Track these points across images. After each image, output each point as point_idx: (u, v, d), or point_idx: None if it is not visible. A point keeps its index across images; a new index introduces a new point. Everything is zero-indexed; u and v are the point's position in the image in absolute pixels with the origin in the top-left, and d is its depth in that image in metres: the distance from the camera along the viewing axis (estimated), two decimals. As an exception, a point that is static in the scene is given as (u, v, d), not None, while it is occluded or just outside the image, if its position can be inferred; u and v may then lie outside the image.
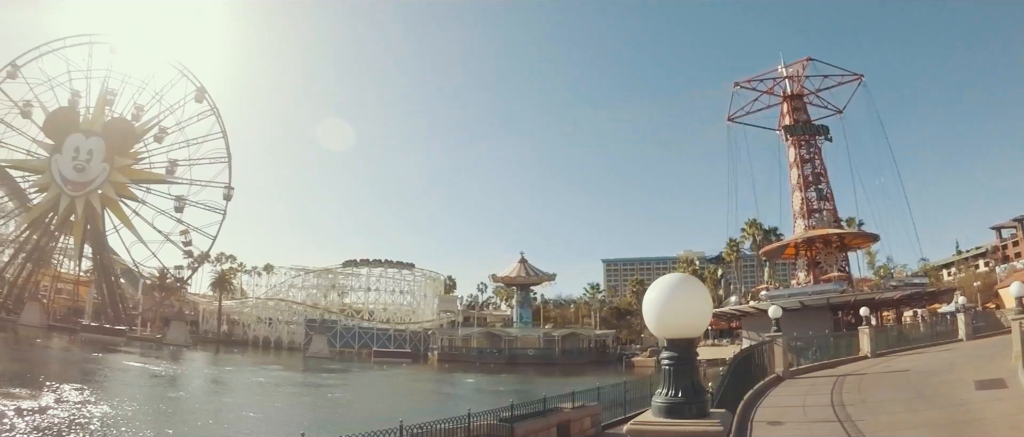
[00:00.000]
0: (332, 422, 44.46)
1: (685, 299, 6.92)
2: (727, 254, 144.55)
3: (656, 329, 7.19)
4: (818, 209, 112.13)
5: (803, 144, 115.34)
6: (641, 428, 6.85)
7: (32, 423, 39.24)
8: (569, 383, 45.17)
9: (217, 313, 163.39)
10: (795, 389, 26.40)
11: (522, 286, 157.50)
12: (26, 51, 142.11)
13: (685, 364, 6.92)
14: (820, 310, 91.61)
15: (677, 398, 6.82)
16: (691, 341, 7.05)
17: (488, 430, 22.02)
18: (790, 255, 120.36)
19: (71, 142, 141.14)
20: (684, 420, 6.70)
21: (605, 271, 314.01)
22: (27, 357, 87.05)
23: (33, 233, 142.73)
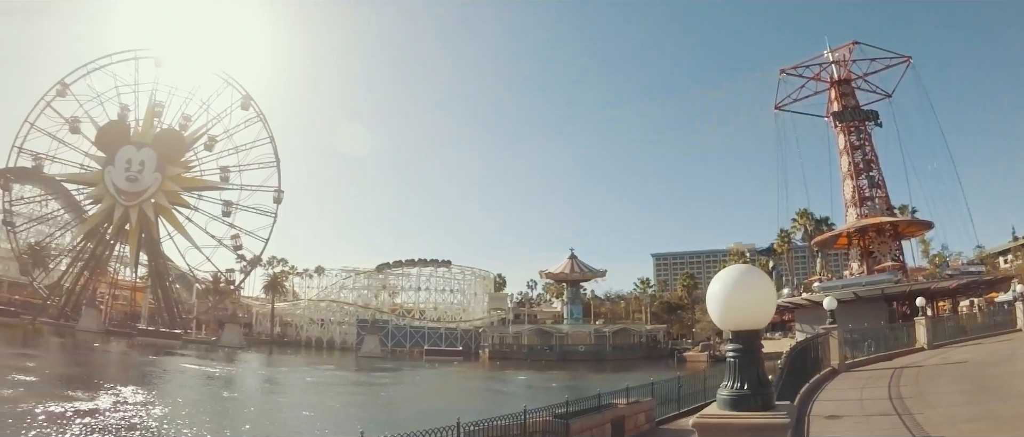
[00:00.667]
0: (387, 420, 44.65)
1: (749, 290, 6.79)
2: (778, 245, 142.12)
3: (720, 321, 7.07)
4: (870, 197, 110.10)
5: (852, 130, 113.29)
6: (707, 421, 6.75)
7: (93, 424, 39.86)
8: (621, 379, 44.92)
9: (270, 315, 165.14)
10: (851, 382, 26.04)
11: (572, 283, 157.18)
12: (74, 69, 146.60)
13: (750, 356, 6.80)
14: (874, 301, 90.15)
15: (743, 390, 6.70)
16: (756, 332, 6.93)
17: (543, 427, 21.95)
18: (842, 245, 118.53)
19: (123, 154, 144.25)
20: (750, 412, 6.59)
21: (655, 265, 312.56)
22: (86, 361, 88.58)
23: (89, 242, 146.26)
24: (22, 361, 79.01)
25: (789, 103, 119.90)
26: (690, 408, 33.13)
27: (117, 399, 51.73)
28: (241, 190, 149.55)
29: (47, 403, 45.03)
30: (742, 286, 6.82)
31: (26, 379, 61.12)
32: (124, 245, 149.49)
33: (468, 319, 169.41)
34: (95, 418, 42.19)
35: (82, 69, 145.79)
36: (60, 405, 45.08)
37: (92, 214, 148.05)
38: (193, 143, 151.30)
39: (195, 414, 49.44)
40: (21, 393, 49.86)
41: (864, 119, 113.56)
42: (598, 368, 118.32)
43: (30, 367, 73.54)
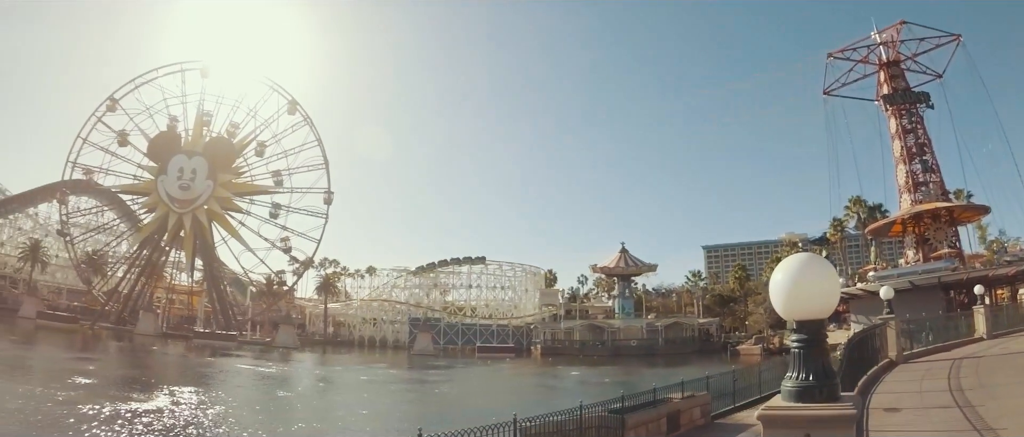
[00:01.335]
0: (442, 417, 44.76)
1: (813, 279, 6.70)
2: (831, 234, 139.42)
3: (784, 311, 6.97)
4: (924, 182, 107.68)
5: (904, 113, 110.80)
6: (772, 413, 6.66)
7: (151, 424, 40.50)
8: (674, 374, 44.67)
9: (323, 315, 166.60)
10: (910, 374, 25.59)
11: (623, 277, 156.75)
12: (123, 84, 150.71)
13: (815, 346, 6.71)
14: (931, 290, 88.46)
15: (808, 381, 6.60)
16: (820, 322, 6.83)
17: (599, 422, 21.87)
18: (897, 232, 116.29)
19: (175, 163, 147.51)
20: (816, 404, 6.49)
21: (706, 257, 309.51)
22: (144, 363, 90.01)
23: (144, 249, 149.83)
24: (82, 364, 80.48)
25: (838, 88, 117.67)
26: (745, 402, 32.82)
27: (175, 399, 52.52)
28: (291, 193, 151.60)
29: (107, 404, 45.84)
30: (806, 275, 6.73)
31: (86, 382, 62.30)
32: (179, 251, 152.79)
33: (519, 316, 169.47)
34: (153, 418, 42.87)
35: (130, 84, 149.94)
36: (119, 406, 45.86)
37: (147, 222, 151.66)
38: (242, 149, 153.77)
39: (251, 413, 50.08)
40: (82, 395, 50.74)
41: (915, 101, 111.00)
42: (650, 363, 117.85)
43: (90, 370, 74.86)
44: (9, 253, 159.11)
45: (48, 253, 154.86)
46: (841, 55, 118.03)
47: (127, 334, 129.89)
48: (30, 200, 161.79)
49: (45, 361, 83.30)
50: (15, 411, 42.82)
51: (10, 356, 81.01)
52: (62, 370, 72.23)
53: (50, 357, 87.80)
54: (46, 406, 45.12)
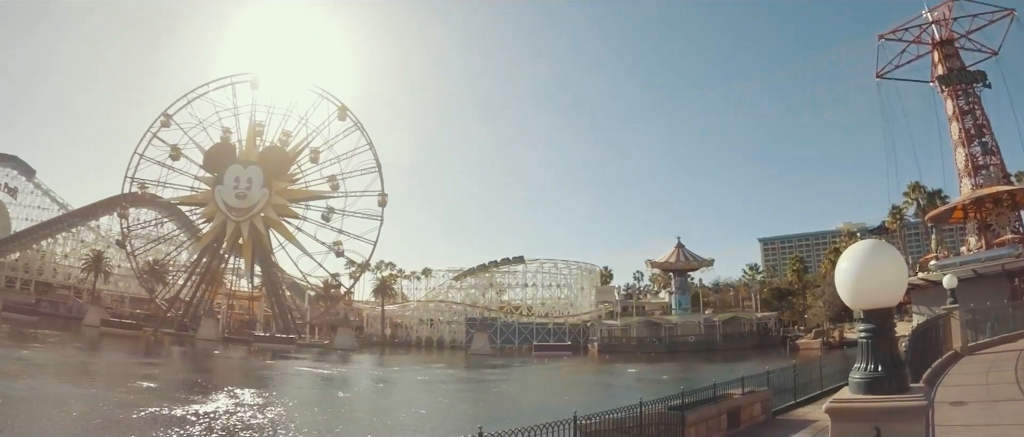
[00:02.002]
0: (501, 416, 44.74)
1: (880, 266, 6.50)
2: (890, 223, 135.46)
3: (851, 300, 6.79)
4: (984, 165, 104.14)
5: (960, 94, 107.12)
6: (841, 406, 6.49)
7: (213, 425, 41.01)
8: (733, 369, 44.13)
9: (380, 317, 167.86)
10: (975, 366, 24.93)
11: (679, 272, 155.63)
12: (176, 100, 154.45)
13: (883, 335, 6.51)
14: (995, 278, 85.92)
15: (877, 372, 6.41)
16: (888, 311, 6.62)
17: (659, 419, 21.67)
18: (957, 219, 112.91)
19: (231, 173, 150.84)
20: (885, 396, 6.29)
21: (762, 250, 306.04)
22: (205, 367, 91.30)
23: (204, 257, 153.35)
24: (145, 369, 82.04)
25: (891, 70, 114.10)
26: (806, 398, 32.31)
27: (236, 401, 53.14)
28: (346, 197, 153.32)
29: (168, 406, 46.53)
30: (872, 262, 6.54)
31: (149, 385, 63.40)
32: (238, 258, 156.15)
33: (576, 313, 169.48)
34: (215, 419, 43.40)
35: (183, 99, 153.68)
36: (181, 408, 46.51)
37: (206, 231, 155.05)
38: (295, 157, 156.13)
39: (312, 414, 50.47)
40: (144, 398, 51.58)
41: (971, 81, 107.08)
42: (709, 358, 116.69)
43: (153, 374, 76.24)
44: (73, 264, 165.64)
45: (110, 263, 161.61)
46: (892, 36, 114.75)
47: (189, 339, 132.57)
48: (92, 213, 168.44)
49: (109, 366, 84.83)
50: (79, 414, 43.77)
51: (76, 362, 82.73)
52: (125, 374, 73.69)
53: (114, 362, 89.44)
54: (108, 409, 45.98)
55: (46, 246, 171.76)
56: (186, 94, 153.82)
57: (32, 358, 78.29)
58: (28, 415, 41.35)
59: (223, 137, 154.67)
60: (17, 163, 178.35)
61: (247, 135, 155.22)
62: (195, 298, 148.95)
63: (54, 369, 72.02)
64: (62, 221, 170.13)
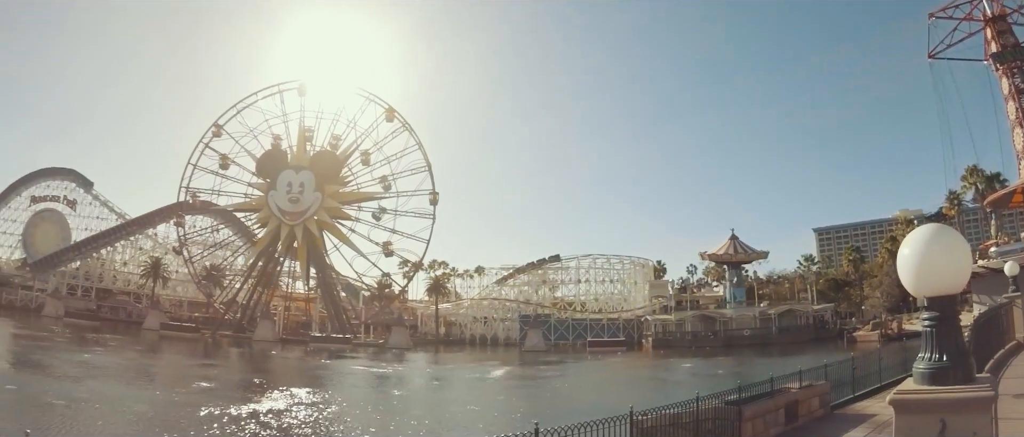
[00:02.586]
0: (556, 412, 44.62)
1: (943, 251, 6.27)
2: (947, 209, 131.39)
3: (913, 287, 6.56)
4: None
5: (1015, 72, 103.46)
6: (905, 398, 6.28)
7: (271, 424, 41.45)
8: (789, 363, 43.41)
9: (434, 316, 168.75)
10: (1039, 357, 24.28)
11: (733, 264, 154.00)
12: (225, 110, 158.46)
13: (948, 324, 6.28)
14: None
15: (941, 362, 6.19)
16: (953, 298, 6.39)
17: (715, 414, 21.41)
18: (1018, 203, 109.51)
19: (283, 178, 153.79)
20: (951, 387, 6.08)
21: (817, 240, 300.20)
22: (263, 367, 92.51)
23: (259, 261, 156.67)
24: (204, 370, 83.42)
25: (943, 50, 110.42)
26: (865, 391, 31.67)
27: (293, 400, 53.75)
28: (397, 197, 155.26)
29: (228, 406, 47.10)
30: (935, 247, 6.32)
31: (207, 385, 64.50)
32: (293, 261, 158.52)
33: (629, 308, 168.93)
34: (272, 418, 43.91)
35: (232, 109, 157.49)
36: (239, 407, 47.12)
37: (261, 236, 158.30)
38: (346, 160, 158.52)
39: (368, 412, 50.80)
40: (203, 398, 52.32)
41: None
42: (764, 352, 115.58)
43: (212, 374, 77.62)
44: (132, 271, 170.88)
45: (168, 269, 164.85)
46: (943, 14, 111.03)
47: (246, 341, 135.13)
48: (149, 222, 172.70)
49: (168, 368, 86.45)
50: (139, 415, 44.65)
51: (136, 364, 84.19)
52: (184, 376, 75.00)
53: (173, 364, 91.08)
54: (168, 409, 46.79)
55: (106, 254, 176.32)
56: (236, 104, 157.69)
57: (94, 361, 79.90)
58: (90, 416, 42.23)
59: (274, 144, 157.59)
60: (75, 176, 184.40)
61: (297, 141, 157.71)
62: (252, 301, 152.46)
63: (115, 371, 73.40)
64: (120, 230, 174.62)
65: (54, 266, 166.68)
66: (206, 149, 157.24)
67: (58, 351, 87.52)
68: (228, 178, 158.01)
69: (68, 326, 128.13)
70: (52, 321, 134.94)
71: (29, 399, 47.41)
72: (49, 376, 62.75)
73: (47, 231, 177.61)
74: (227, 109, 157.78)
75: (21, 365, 71.63)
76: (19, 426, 14.30)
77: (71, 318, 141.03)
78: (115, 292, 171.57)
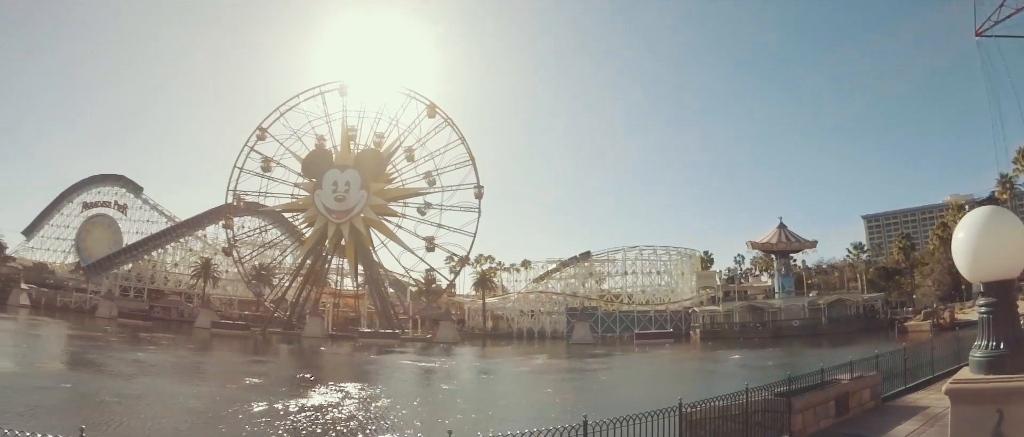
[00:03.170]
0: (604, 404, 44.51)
1: (999, 234, 6.05)
2: (999, 192, 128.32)
3: (969, 272, 6.38)
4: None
5: None
6: (961, 387, 6.11)
7: (320, 418, 41.78)
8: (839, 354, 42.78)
9: (481, 310, 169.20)
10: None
11: (781, 253, 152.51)
12: (269, 114, 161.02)
13: (1005, 309, 6.07)
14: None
15: (998, 350, 5.98)
16: (1010, 283, 6.19)
17: (764, 406, 21.16)
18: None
19: (329, 177, 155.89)
20: (1008, 376, 5.87)
21: (866, 228, 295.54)
22: (313, 363, 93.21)
23: (307, 259, 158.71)
24: (255, 366, 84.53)
25: (990, 27, 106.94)
26: (916, 383, 31.07)
27: (343, 394, 54.23)
28: (442, 192, 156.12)
29: (278, 401, 47.69)
30: (991, 230, 6.10)
31: (258, 381, 65.31)
32: (341, 258, 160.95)
33: (677, 300, 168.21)
34: (322, 412, 44.28)
35: (275, 113, 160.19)
36: (289, 402, 47.62)
37: (309, 235, 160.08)
38: (389, 157, 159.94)
39: (416, 405, 51.02)
40: (254, 393, 52.92)
41: None
42: (814, 343, 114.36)
43: (262, 371, 78.62)
44: (182, 272, 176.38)
45: (218, 269, 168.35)
46: None
47: (295, 337, 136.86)
48: (198, 224, 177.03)
49: (219, 365, 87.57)
50: (190, 410, 45.54)
51: (188, 362, 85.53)
52: (235, 372, 76.01)
53: (224, 361, 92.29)
54: (219, 405, 47.39)
55: (157, 256, 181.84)
56: (278, 107, 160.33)
57: (147, 360, 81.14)
58: (142, 412, 42.95)
59: (318, 144, 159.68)
60: (125, 182, 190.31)
61: (341, 141, 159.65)
62: (300, 298, 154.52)
63: (167, 369, 74.69)
64: (171, 232, 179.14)
65: (107, 269, 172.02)
66: (251, 152, 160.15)
67: (112, 350, 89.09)
68: (274, 180, 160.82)
69: (121, 326, 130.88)
70: (106, 322, 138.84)
71: (84, 397, 48.31)
72: (103, 374, 63.91)
73: (99, 235, 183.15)
74: (271, 112, 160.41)
75: (76, 364, 72.99)
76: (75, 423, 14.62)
77: (124, 318, 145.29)
78: (166, 292, 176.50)
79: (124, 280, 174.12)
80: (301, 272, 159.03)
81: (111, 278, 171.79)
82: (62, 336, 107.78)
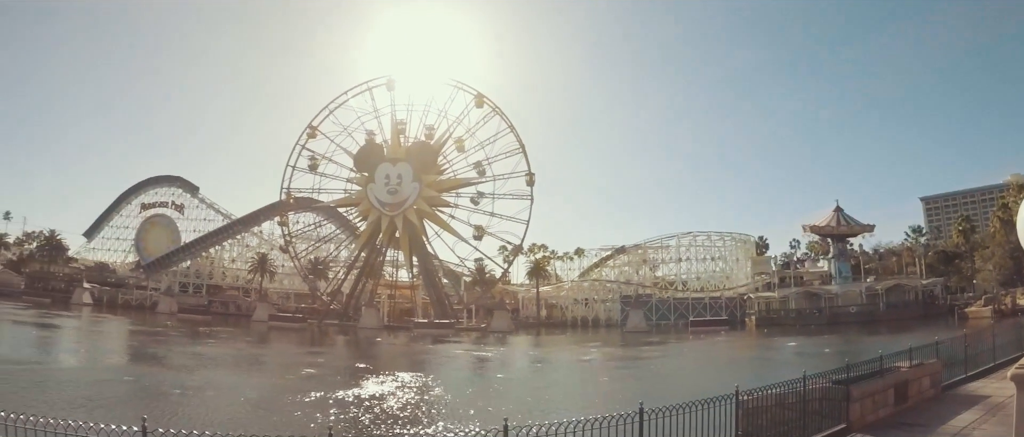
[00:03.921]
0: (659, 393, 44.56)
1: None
2: None
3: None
4: None
5: None
6: None
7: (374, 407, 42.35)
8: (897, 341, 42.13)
9: (535, 299, 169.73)
10: None
11: (837, 237, 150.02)
12: (319, 112, 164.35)
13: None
14: None
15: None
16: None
17: (822, 394, 21.14)
18: None
19: (381, 171, 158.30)
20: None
21: (925, 210, 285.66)
22: (368, 353, 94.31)
23: (362, 252, 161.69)
24: (312, 357, 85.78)
25: None
26: (978, 371, 30.59)
27: (398, 384, 54.86)
28: (494, 181, 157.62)
29: (334, 391, 48.47)
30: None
31: (314, 372, 66.53)
32: (395, 250, 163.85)
33: (731, 286, 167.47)
34: (377, 401, 44.89)
35: (325, 110, 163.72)
36: (345, 391, 48.41)
37: (363, 229, 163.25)
38: (440, 148, 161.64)
39: (472, 393, 51.47)
40: (311, 383, 53.83)
41: None
42: (871, 330, 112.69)
43: (319, 362, 79.84)
44: (240, 267, 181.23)
45: (274, 264, 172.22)
46: None
47: (351, 329, 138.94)
48: (254, 220, 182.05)
49: (277, 356, 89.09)
50: (249, 400, 46.44)
51: (246, 354, 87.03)
52: (293, 363, 77.25)
53: (282, 353, 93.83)
54: (276, 394, 48.63)
55: (214, 253, 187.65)
56: (327, 105, 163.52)
57: (206, 353, 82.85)
58: (202, 403, 44.04)
59: (368, 139, 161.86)
60: (181, 182, 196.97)
61: (391, 135, 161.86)
62: (356, 290, 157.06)
63: (226, 361, 76.17)
64: (227, 229, 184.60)
65: (166, 266, 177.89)
66: (303, 150, 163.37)
67: (172, 344, 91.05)
68: (327, 176, 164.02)
69: (181, 321, 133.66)
70: (166, 317, 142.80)
71: (146, 389, 49.39)
72: (164, 367, 65.31)
73: (157, 234, 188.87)
74: (320, 110, 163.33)
75: (138, 358, 74.83)
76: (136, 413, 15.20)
77: (184, 314, 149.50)
78: (224, 288, 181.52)
79: (183, 277, 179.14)
80: (356, 265, 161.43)
81: (170, 275, 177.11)
82: (124, 332, 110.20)
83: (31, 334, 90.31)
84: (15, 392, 39.82)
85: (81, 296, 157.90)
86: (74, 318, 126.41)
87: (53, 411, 26.60)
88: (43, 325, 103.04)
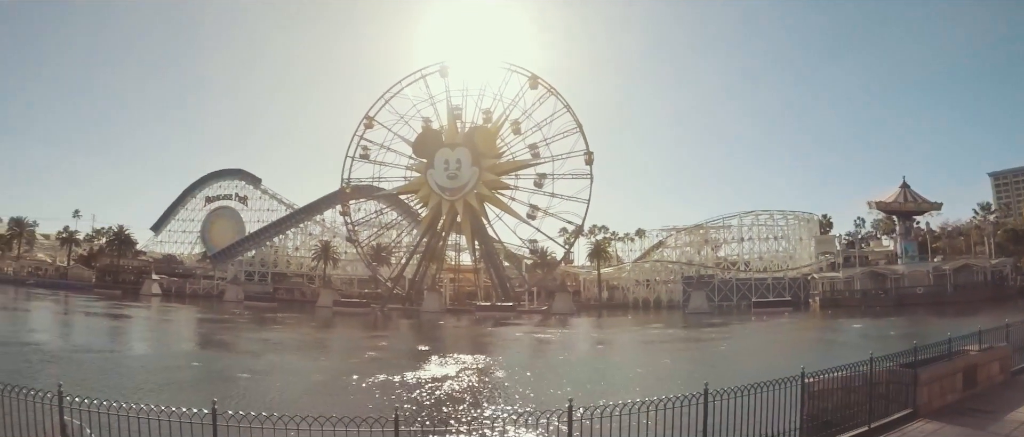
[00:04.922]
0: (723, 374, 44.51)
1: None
2: None
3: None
4: None
5: None
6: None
7: (436, 390, 42.92)
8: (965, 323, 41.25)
9: (597, 281, 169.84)
10: None
11: (904, 215, 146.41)
12: (374, 102, 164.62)
13: None
14: None
15: None
16: None
17: (889, 377, 20.96)
18: None
19: (439, 157, 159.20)
20: None
21: (994, 186, 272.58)
22: (431, 336, 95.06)
23: (424, 237, 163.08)
24: (375, 341, 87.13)
25: None
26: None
27: (460, 366, 55.55)
28: (553, 161, 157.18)
29: (397, 373, 49.22)
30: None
31: (378, 355, 67.82)
32: (457, 234, 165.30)
33: (795, 266, 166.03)
34: (439, 383, 45.49)
35: (380, 100, 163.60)
36: (408, 373, 49.05)
37: (425, 215, 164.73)
38: (497, 132, 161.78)
39: (533, 376, 51.73)
40: (375, 366, 54.78)
41: None
42: (939, 312, 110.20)
43: (382, 345, 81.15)
44: (303, 255, 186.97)
45: (337, 251, 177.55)
46: None
47: (414, 313, 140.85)
48: (316, 209, 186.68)
49: (341, 341, 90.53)
50: (314, 382, 48.01)
51: (311, 339, 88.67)
52: (357, 347, 78.73)
53: (346, 337, 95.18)
54: (341, 376, 49.63)
55: (278, 242, 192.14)
56: (383, 95, 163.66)
57: (273, 338, 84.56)
58: (269, 386, 45.37)
59: (424, 126, 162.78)
60: (244, 175, 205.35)
61: (448, 120, 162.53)
62: (418, 275, 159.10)
63: (292, 346, 77.95)
64: (290, 219, 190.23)
65: (231, 256, 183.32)
66: (361, 141, 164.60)
67: (239, 331, 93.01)
68: (386, 164, 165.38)
69: (248, 309, 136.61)
70: (233, 305, 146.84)
71: (215, 373, 50.82)
72: (232, 353, 67.21)
73: (222, 226, 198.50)
74: (376, 100, 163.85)
75: (207, 344, 77.05)
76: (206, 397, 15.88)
77: (250, 301, 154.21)
78: (289, 275, 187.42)
79: (248, 266, 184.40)
80: (418, 250, 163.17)
81: (236, 264, 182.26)
82: (192, 319, 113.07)
83: (103, 324, 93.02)
84: (89, 379, 41.04)
85: (150, 287, 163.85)
86: (144, 308, 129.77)
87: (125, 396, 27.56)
88: (114, 315, 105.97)
